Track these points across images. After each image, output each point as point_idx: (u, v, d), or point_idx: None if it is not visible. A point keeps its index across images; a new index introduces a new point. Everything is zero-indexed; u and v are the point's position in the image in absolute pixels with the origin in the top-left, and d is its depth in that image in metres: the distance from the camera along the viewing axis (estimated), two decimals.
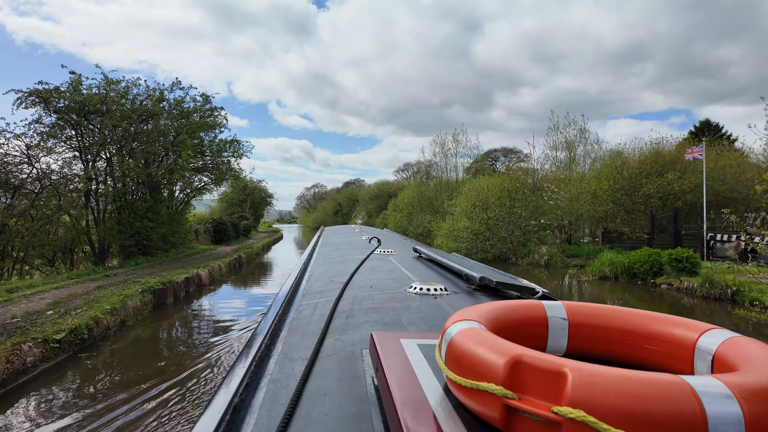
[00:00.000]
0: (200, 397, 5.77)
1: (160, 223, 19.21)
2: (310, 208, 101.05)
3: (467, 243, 21.60)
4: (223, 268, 16.64)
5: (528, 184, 22.78)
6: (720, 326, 1.24)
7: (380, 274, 3.48)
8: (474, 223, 21.63)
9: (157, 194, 19.27)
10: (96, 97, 15.91)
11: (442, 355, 1.14)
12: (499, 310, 1.36)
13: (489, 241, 21.24)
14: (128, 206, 17.90)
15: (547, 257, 19.78)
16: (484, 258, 21.18)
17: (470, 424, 1.00)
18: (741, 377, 0.87)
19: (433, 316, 2.21)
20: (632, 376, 0.83)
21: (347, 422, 1.17)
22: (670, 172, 20.39)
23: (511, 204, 21.54)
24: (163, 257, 19.33)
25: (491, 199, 21.99)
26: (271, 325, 2.12)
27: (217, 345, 7.97)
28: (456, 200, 24.69)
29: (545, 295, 2.51)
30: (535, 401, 0.88)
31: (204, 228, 30.09)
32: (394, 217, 37.28)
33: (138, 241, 18.21)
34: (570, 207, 21.13)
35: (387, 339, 1.49)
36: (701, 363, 1.17)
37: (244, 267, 20.53)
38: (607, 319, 1.41)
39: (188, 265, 16.17)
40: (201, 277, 13.87)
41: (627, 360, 1.37)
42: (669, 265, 14.25)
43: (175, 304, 11.41)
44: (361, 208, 60.62)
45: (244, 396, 1.38)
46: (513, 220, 21.33)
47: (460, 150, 33.39)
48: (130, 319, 9.24)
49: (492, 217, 21.37)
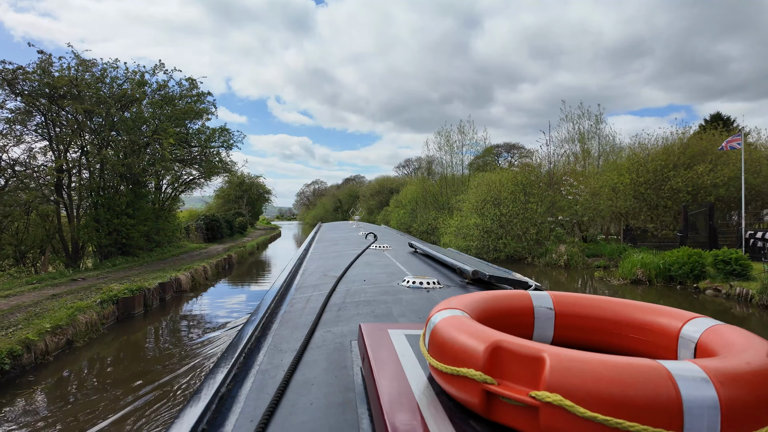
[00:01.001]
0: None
1: (142, 220, 17.49)
2: (310, 204, 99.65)
3: (478, 241, 19.86)
4: (209, 270, 14.91)
5: (543, 177, 20.99)
6: (704, 315, 1.24)
7: (374, 269, 3.44)
8: (485, 220, 19.89)
9: (139, 188, 17.53)
10: (65, 79, 14.16)
11: (426, 343, 1.16)
12: (485, 300, 1.37)
13: (502, 239, 19.50)
14: (105, 201, 16.18)
15: (567, 257, 18.05)
16: (496, 258, 19.44)
17: (451, 411, 1.01)
18: (718, 362, 0.88)
19: (424, 308, 2.20)
20: (609, 360, 0.84)
21: (332, 410, 1.19)
22: (701, 165, 18.62)
23: (525, 199, 19.77)
24: (145, 258, 17.63)
25: (504, 194, 20.23)
26: (263, 318, 2.13)
27: (192, 371, 6.28)
28: (465, 195, 22.90)
29: (538, 289, 2.42)
30: (513, 386, 0.89)
31: (195, 225, 28.37)
32: (396, 213, 35.46)
33: (117, 240, 16.49)
34: (590, 202, 19.36)
35: (375, 330, 1.51)
36: (684, 351, 1.19)
37: (235, 268, 18.81)
38: (593, 308, 1.43)
39: (172, 267, 14.48)
40: (180, 281, 12.15)
41: (612, 348, 1.37)
42: (714, 267, 12.52)
43: (146, 316, 9.69)
44: (362, 204, 58.84)
45: (231, 386, 1.39)
46: (528, 216, 19.58)
47: (466, 143, 31.62)
48: (81, 338, 7.51)
49: (505, 213, 19.62)
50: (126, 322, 9.05)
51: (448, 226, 22.79)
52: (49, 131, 15.08)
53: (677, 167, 19.26)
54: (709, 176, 18.36)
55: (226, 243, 28.16)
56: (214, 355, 7.17)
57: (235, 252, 20.72)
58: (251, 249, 24.84)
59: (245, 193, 51.63)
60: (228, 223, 32.29)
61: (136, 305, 9.44)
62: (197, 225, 28.40)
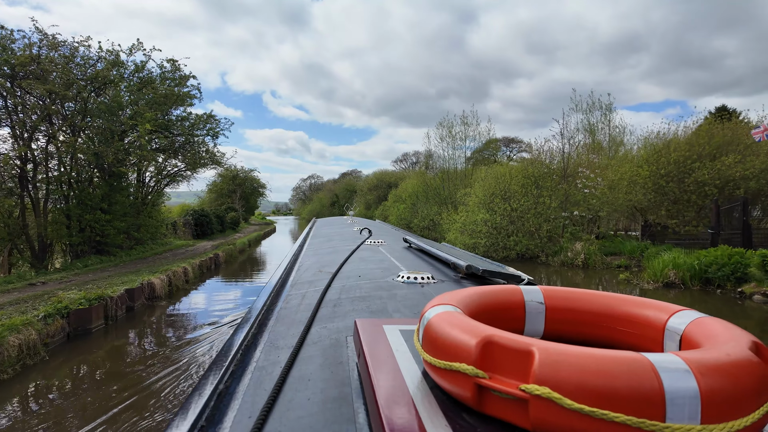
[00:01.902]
0: None
1: (119, 216, 15.90)
2: (306, 199, 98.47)
3: (486, 239, 18.35)
4: (191, 271, 13.34)
5: (556, 169, 19.44)
6: (689, 308, 1.26)
7: (369, 264, 3.43)
8: (495, 216, 18.37)
9: (116, 181, 15.90)
10: (26, 57, 12.50)
11: (420, 338, 1.17)
12: (477, 295, 1.39)
13: (513, 236, 18.00)
14: (77, 195, 14.57)
15: (585, 256, 16.59)
16: (506, 257, 17.96)
17: (445, 404, 1.02)
18: (700, 353, 0.90)
19: (419, 303, 2.21)
20: (596, 354, 0.86)
21: (329, 405, 1.20)
22: (731, 155, 17.15)
23: (537, 193, 18.25)
24: (123, 257, 16.05)
25: (514, 187, 18.72)
26: (259, 315, 2.14)
27: (156, 412, 4.75)
28: (471, 189, 21.35)
29: (531, 283, 2.48)
30: (504, 380, 0.91)
31: (184, 221, 26.75)
32: (395, 208, 33.86)
33: (90, 238, 14.90)
34: (607, 196, 17.87)
35: (370, 325, 1.50)
36: (670, 343, 1.21)
37: (222, 268, 17.25)
38: (583, 302, 1.44)
39: (150, 268, 12.93)
40: (154, 286, 10.58)
41: (601, 341, 1.39)
42: (761, 269, 11.07)
43: (107, 332, 8.15)
44: (360, 199, 57.30)
45: (229, 383, 1.40)
46: (540, 211, 18.07)
47: (469, 134, 30.07)
48: (9, 366, 5.95)
49: (516, 208, 18.10)
50: (80, 340, 7.50)
51: (453, 222, 21.28)
52: (11, 116, 13.43)
53: (701, 158, 17.81)
54: (737, 167, 16.91)
55: (216, 239, 26.57)
56: (192, 383, 5.67)
57: (223, 250, 19.15)
58: (242, 246, 23.26)
59: (239, 188, 50.07)
60: (219, 218, 30.65)
61: (93, 318, 7.89)
62: (185, 220, 26.79)
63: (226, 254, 19.08)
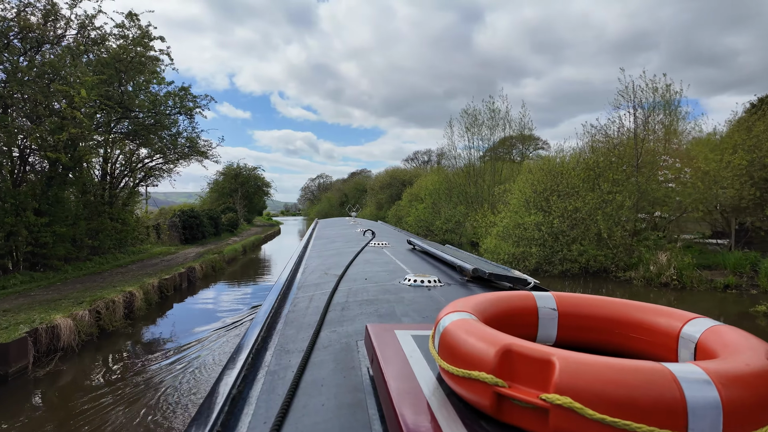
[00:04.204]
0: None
1: (62, 219, 12.11)
2: (315, 199, 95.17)
3: (539, 247, 14.26)
4: (139, 298, 9.43)
5: (625, 158, 15.23)
6: (703, 315, 1.22)
7: (375, 267, 3.42)
8: (551, 218, 14.27)
9: (58, 173, 12.10)
10: None
11: (435, 346, 1.15)
12: (490, 302, 1.36)
13: (576, 243, 13.87)
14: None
15: (675, 271, 12.43)
16: (567, 271, 13.85)
17: (462, 412, 1.01)
18: (720, 364, 0.88)
19: (427, 307, 2.20)
20: (616, 363, 0.84)
21: (343, 411, 1.18)
22: None
23: (608, 188, 14.08)
24: (70, 272, 12.27)
25: (575, 182, 14.60)
26: (267, 318, 2.09)
27: None
28: (514, 183, 17.21)
29: (537, 287, 2.48)
30: (524, 389, 0.90)
31: (169, 223, 23.01)
32: (413, 209, 29.70)
33: (16, 248, 11.12)
34: (702, 191, 13.66)
35: (382, 330, 1.49)
36: (684, 351, 1.18)
37: (198, 286, 13.36)
38: (596, 309, 1.42)
39: (90, 292, 9.14)
40: (59, 332, 6.66)
41: (614, 348, 1.37)
42: None
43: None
44: (370, 198, 53.31)
45: (242, 387, 1.39)
46: (610, 212, 13.94)
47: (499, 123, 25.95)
48: None
49: (580, 207, 13.98)
50: None
51: (490, 225, 17.19)
52: None
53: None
54: None
55: (207, 245, 22.77)
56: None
57: (204, 261, 15.27)
58: (232, 254, 19.39)
59: (241, 186, 46.47)
60: (212, 220, 26.83)
61: None
62: (171, 223, 23.03)
63: (208, 266, 15.21)
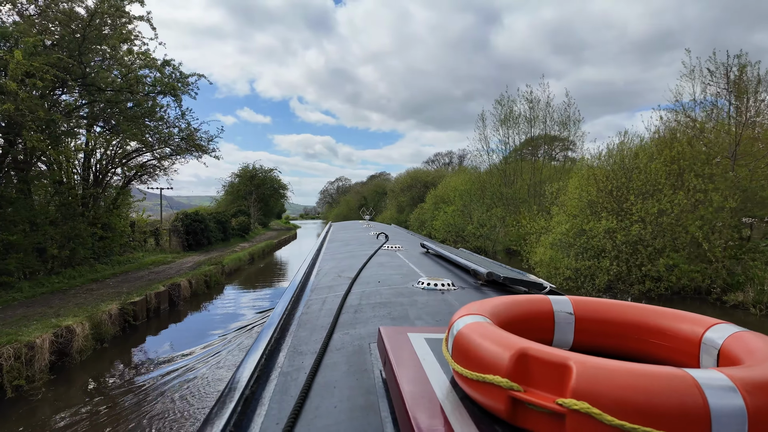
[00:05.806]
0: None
1: (19, 224, 9.75)
2: (333, 202, 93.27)
3: (613, 261, 11.22)
4: (85, 331, 6.87)
5: (716, 147, 12.11)
6: (726, 321, 1.19)
7: (388, 270, 3.41)
8: (628, 223, 11.22)
9: (17, 167, 9.76)
10: None
11: (449, 349, 1.14)
12: (505, 305, 1.35)
13: (663, 257, 10.80)
14: None
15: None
16: (650, 290, 10.83)
17: (476, 416, 0.99)
18: (744, 371, 0.86)
19: (440, 310, 2.18)
20: (636, 369, 0.83)
21: (356, 413, 1.17)
22: None
23: (702, 185, 10.96)
24: (26, 291, 9.89)
25: (656, 177, 11.54)
26: (281, 320, 2.10)
27: None
28: (569, 180, 14.17)
29: (553, 291, 2.43)
30: (540, 393, 0.88)
31: (170, 228, 20.72)
32: (440, 212, 26.77)
33: None
34: None
35: (395, 333, 1.49)
36: (707, 357, 1.15)
37: (182, 306, 10.81)
38: (614, 313, 1.39)
39: (30, 318, 6.68)
40: None
41: (633, 354, 1.34)
42: None
43: None
44: (391, 201, 50.56)
45: (254, 388, 1.39)
46: (706, 215, 10.86)
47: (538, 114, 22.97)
48: None
49: (667, 210, 10.92)
50: None
51: (541, 232, 14.20)
52: None
53: None
54: None
55: (212, 252, 20.40)
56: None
57: (195, 275, 12.73)
58: (235, 264, 16.88)
59: (256, 189, 44.39)
60: (220, 224, 24.48)
61: None
62: (172, 227, 20.75)
63: (203, 279, 12.67)
